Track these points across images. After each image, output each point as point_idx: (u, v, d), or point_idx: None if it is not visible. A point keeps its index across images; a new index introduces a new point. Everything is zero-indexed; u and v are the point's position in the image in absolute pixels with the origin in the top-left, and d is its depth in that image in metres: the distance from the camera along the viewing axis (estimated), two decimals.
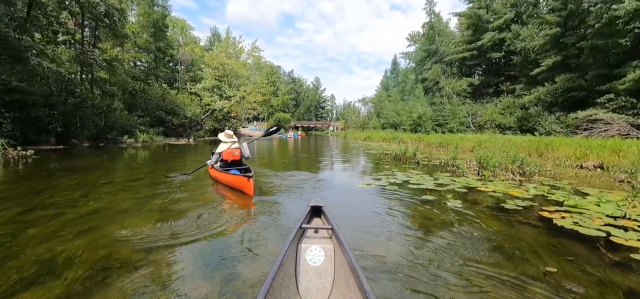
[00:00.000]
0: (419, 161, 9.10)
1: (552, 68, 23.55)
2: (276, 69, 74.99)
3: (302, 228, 2.21)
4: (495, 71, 35.35)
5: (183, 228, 3.10)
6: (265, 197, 4.55)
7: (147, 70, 34.13)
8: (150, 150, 15.20)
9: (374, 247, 2.61)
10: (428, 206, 3.93)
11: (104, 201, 4.12)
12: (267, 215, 3.61)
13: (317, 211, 2.58)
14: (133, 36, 32.96)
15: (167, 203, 4.05)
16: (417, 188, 5.04)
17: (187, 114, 28.45)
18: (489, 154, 6.12)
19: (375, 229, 3.09)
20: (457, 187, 5.11)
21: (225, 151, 5.55)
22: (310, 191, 4.91)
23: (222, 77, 30.32)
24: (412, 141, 22.30)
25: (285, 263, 1.72)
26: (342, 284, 1.75)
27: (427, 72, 38.58)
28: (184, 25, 46.27)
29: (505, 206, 3.95)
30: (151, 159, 10.90)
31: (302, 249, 2.04)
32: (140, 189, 4.95)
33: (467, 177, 6.12)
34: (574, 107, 20.54)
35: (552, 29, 24.02)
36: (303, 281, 1.90)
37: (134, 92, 26.24)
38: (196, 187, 5.19)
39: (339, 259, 1.91)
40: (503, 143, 14.10)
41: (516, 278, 2.06)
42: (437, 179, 5.82)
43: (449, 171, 7.02)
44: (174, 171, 7.33)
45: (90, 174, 6.60)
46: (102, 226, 3.13)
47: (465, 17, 34.75)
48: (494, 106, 29.33)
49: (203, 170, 6.36)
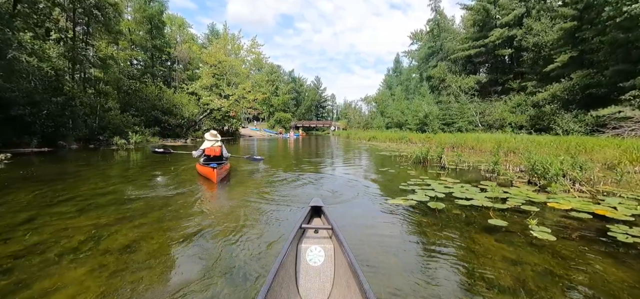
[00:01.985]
0: (445, 165, 7.93)
1: (567, 64, 22.41)
2: (276, 68, 73.78)
3: (302, 228, 2.20)
4: (503, 68, 34.22)
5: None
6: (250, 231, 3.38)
7: (144, 69, 32.96)
8: (144, 152, 14.03)
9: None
10: (507, 239, 2.78)
11: (46, 232, 2.94)
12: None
13: (317, 211, 2.56)
14: (129, 33, 31.84)
15: (132, 239, 2.88)
16: (468, 205, 3.89)
17: (184, 114, 27.23)
18: (545, 158, 4.96)
19: (448, 285, 1.94)
20: (519, 202, 3.95)
21: (208, 148, 6.60)
22: (333, 213, 3.73)
23: (221, 75, 29.06)
24: (420, 141, 21.19)
25: (285, 262, 1.70)
26: (342, 284, 1.73)
27: (431, 70, 37.42)
28: (182, 23, 45.06)
29: (614, 234, 2.79)
30: (138, 164, 9.73)
31: (302, 249, 2.03)
32: (105, 209, 3.78)
33: (517, 186, 4.98)
34: (593, 104, 19.42)
35: (568, 23, 22.87)
36: (303, 281, 1.88)
37: (129, 92, 25.04)
38: (176, 207, 4.03)
39: (339, 259, 1.90)
40: (526, 143, 12.95)
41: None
42: (484, 191, 4.67)
43: (488, 178, 5.86)
44: (163, 175, 6.20)
45: (57, 184, 5.44)
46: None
47: (472, 12, 33.57)
48: (504, 104, 28.21)
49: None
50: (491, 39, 31.17)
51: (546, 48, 25.82)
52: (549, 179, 4.76)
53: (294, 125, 61.95)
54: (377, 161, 10.41)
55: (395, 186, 5.24)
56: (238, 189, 5.48)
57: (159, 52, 34.03)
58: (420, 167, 8.26)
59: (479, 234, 2.92)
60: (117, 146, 16.52)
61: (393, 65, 61.95)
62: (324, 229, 2.23)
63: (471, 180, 5.76)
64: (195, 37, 44.99)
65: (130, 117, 21.53)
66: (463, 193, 4.50)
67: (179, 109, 27.25)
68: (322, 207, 2.51)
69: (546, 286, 1.95)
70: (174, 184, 5.57)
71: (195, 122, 28.72)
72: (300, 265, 1.96)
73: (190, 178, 6.32)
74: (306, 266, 1.96)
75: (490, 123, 26.69)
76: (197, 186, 5.48)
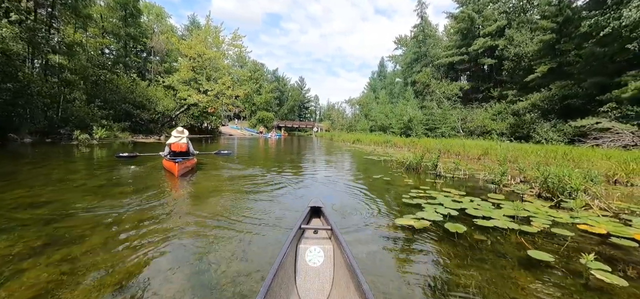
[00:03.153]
0: (441, 172, 7.40)
1: (546, 75, 23.05)
2: (260, 66, 72.09)
3: (302, 228, 2.18)
4: (485, 77, 35.00)
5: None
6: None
7: (116, 59, 30.69)
8: (110, 150, 12.60)
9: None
10: (559, 282, 2.15)
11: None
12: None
13: (317, 212, 2.55)
14: (101, 20, 29.56)
15: (49, 280, 2.00)
16: (490, 227, 3.26)
17: (159, 108, 25.48)
18: (562, 170, 4.47)
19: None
20: (544, 223, 3.38)
21: (174, 143, 6.79)
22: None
23: (200, 68, 27.47)
24: (405, 146, 20.92)
25: (284, 263, 1.69)
26: (342, 285, 1.72)
27: (416, 75, 37.69)
28: (160, 13, 42.69)
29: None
30: (96, 164, 8.52)
31: (301, 249, 2.01)
32: (24, 230, 2.82)
33: (528, 201, 4.46)
34: (570, 115, 19.99)
35: (547, 35, 23.57)
36: (302, 282, 1.86)
37: (98, 82, 23.02)
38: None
39: (338, 260, 1.89)
40: (513, 151, 12.84)
41: None
42: (499, 207, 4.10)
43: (492, 190, 5.34)
44: (120, 179, 5.21)
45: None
46: None
47: (457, 21, 34.09)
48: (485, 111, 28.73)
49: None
50: (474, 47, 31.78)
51: (526, 58, 26.55)
52: (567, 194, 4.26)
53: (277, 125, 60.67)
54: (367, 167, 9.76)
55: (397, 199, 4.57)
56: (203, 190, 5.09)
57: (134, 42, 31.88)
58: (414, 174, 7.70)
59: (517, 271, 2.28)
60: (78, 142, 14.86)
61: (378, 69, 62.26)
62: (323, 230, 2.20)
63: (475, 191, 5.21)
64: (175, 29, 42.75)
65: (97, 109, 19.67)
66: (477, 210, 3.89)
67: (154, 103, 25.46)
68: (321, 207, 2.47)
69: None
70: (131, 192, 4.60)
71: (170, 118, 26.98)
72: (300, 266, 1.94)
73: (151, 183, 5.35)
74: (305, 266, 1.94)
75: (471, 130, 27.01)
76: (157, 192, 4.59)
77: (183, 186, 5.32)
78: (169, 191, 4.80)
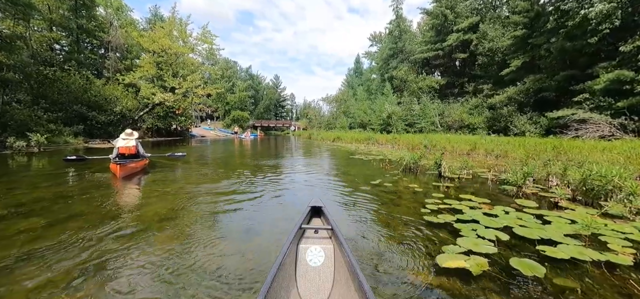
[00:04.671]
0: (444, 173, 6.55)
1: (520, 68, 23.49)
2: (232, 64, 69.23)
3: (302, 228, 2.16)
4: (459, 72, 35.55)
5: None
6: None
7: (67, 55, 27.38)
8: (52, 157, 10.59)
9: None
10: None
11: None
12: None
13: (317, 212, 2.52)
14: (49, 12, 26.15)
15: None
16: (565, 258, 2.34)
17: (116, 109, 22.90)
18: (609, 169, 3.71)
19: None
20: (623, 245, 2.53)
21: (122, 146, 6.92)
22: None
23: (165, 64, 25.07)
24: (387, 142, 20.34)
25: (285, 263, 1.67)
26: (342, 285, 1.70)
27: (393, 70, 37.56)
28: (120, 6, 39.08)
29: None
30: (18, 178, 6.78)
31: (301, 249, 1.98)
32: None
33: (568, 208, 3.65)
34: (544, 107, 20.42)
35: (519, 30, 24.05)
36: (303, 282, 1.83)
37: (45, 81, 20.10)
38: None
39: (339, 260, 1.87)
40: (501, 145, 12.51)
41: None
42: (547, 222, 3.22)
43: (508, 194, 4.52)
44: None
45: None
46: None
47: (431, 17, 34.27)
48: (461, 105, 29.03)
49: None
50: (448, 42, 32.08)
51: (500, 53, 27.05)
52: (617, 197, 3.49)
53: (252, 124, 58.49)
54: (358, 169, 8.71)
55: (416, 216, 3.56)
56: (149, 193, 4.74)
57: (87, 36, 28.65)
58: (412, 175, 6.82)
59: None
60: (12, 150, 12.50)
61: (354, 66, 61.92)
62: (323, 230, 2.16)
63: (495, 196, 4.36)
64: (136, 22, 39.35)
65: (41, 112, 17.08)
66: (525, 229, 2.97)
67: (111, 104, 22.87)
68: (322, 207, 2.44)
69: None
70: (51, 208, 3.22)
71: (133, 119, 24.43)
72: (300, 265, 1.90)
73: (87, 191, 3.96)
74: (306, 266, 1.89)
75: (449, 124, 27.11)
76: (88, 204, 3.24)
77: (121, 191, 4.99)
78: (99, 198, 3.56)
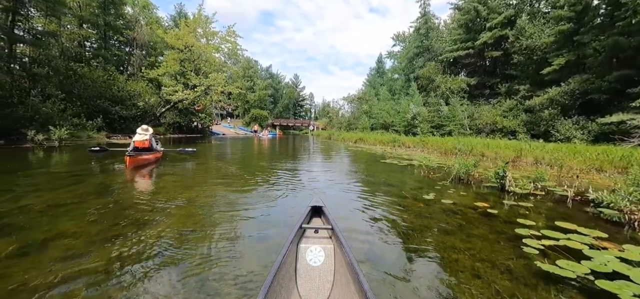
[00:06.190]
0: (505, 184, 5.37)
1: (564, 68, 21.36)
2: (253, 63, 69.51)
3: (302, 228, 2.14)
4: (491, 71, 33.29)
5: None
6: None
7: (95, 51, 28.00)
8: (72, 153, 10.30)
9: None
10: None
11: None
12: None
13: (317, 211, 2.51)
14: (79, 10, 26.82)
15: None
16: None
17: (139, 104, 22.95)
18: None
19: None
20: None
21: (137, 141, 7.75)
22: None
23: (188, 61, 24.92)
24: (414, 145, 18.98)
25: (285, 263, 1.66)
26: (342, 285, 1.69)
27: (418, 70, 35.83)
28: (146, 4, 39.92)
29: None
30: (34, 174, 6.29)
31: (302, 249, 1.97)
32: None
33: None
34: (593, 111, 18.40)
35: (564, 26, 21.86)
36: (303, 281, 1.82)
37: (69, 75, 20.42)
38: None
39: (339, 260, 1.86)
40: (552, 152, 10.97)
41: None
42: None
43: (615, 221, 3.34)
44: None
45: None
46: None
47: (461, 13, 32.33)
48: (492, 107, 27.05)
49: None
50: (481, 40, 30.04)
51: (539, 51, 24.84)
52: None
53: (271, 123, 58.35)
54: (398, 178, 7.44)
55: (520, 262, 2.50)
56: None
57: (114, 33, 29.20)
58: (463, 187, 5.69)
59: None
60: (33, 144, 12.43)
61: (376, 66, 60.28)
62: (324, 229, 2.15)
63: (597, 223, 3.20)
64: (161, 20, 40.00)
65: (65, 105, 17.20)
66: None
67: (134, 99, 22.97)
68: (322, 207, 2.44)
69: None
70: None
71: (154, 115, 24.48)
72: (300, 265, 1.89)
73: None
74: (306, 266, 1.89)
75: (479, 127, 25.26)
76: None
77: (132, 182, 5.39)
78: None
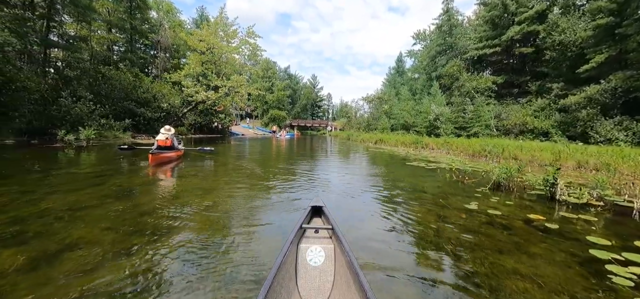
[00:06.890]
0: (555, 193, 4.79)
1: (603, 64, 19.77)
2: (272, 64, 70.16)
3: (303, 228, 2.16)
4: (520, 69, 31.53)
5: None
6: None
7: (122, 54, 29.11)
8: (100, 153, 10.57)
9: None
10: None
11: None
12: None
13: (318, 211, 2.52)
14: (108, 15, 27.97)
15: None
16: None
17: (163, 105, 23.55)
18: None
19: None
20: None
21: (160, 140, 8.54)
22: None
23: (210, 63, 25.33)
24: (439, 147, 18.17)
25: (285, 262, 1.66)
26: (342, 284, 1.69)
27: (441, 69, 34.58)
28: (170, 8, 41.15)
29: None
30: (56, 174, 6.35)
31: (302, 249, 1.98)
32: None
33: None
34: (639, 110, 16.90)
35: (603, 19, 20.23)
36: (303, 281, 1.82)
37: (98, 77, 21.27)
38: None
39: (339, 259, 1.87)
40: (597, 156, 10.01)
41: None
42: None
43: None
44: None
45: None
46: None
47: (487, 7, 30.87)
48: (522, 107, 25.54)
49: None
50: (509, 35, 28.47)
51: (574, 47, 23.16)
52: None
53: (289, 123, 58.58)
54: (428, 184, 6.75)
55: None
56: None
57: (140, 37, 30.22)
58: (507, 195, 5.14)
59: None
60: (63, 143, 12.89)
61: (395, 65, 59.04)
62: (324, 229, 2.15)
63: None
64: (183, 23, 41.10)
65: (94, 106, 17.85)
66: None
67: (158, 100, 23.59)
68: (322, 207, 2.44)
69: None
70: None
71: (177, 116, 25.05)
72: (301, 265, 1.89)
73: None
74: (306, 266, 1.89)
75: (507, 128, 23.91)
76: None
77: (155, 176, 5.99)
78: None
